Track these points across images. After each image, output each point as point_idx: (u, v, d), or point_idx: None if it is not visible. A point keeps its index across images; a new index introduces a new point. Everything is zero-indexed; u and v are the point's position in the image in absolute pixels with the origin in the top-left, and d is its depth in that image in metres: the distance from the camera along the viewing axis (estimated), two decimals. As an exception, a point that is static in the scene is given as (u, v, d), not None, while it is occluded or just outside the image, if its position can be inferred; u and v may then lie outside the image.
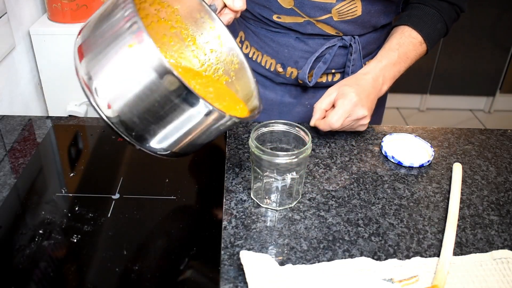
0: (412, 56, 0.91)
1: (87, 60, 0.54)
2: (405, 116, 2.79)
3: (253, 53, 0.97)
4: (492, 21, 2.55)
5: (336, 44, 0.91)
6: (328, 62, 0.92)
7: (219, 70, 0.71)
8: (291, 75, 0.95)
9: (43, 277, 0.57)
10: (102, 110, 0.54)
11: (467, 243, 0.65)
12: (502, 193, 0.76)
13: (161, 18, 0.68)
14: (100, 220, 0.65)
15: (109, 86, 0.53)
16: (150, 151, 0.58)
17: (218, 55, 0.71)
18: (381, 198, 0.73)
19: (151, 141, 0.56)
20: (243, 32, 0.98)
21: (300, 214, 0.69)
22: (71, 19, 1.37)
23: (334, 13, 0.86)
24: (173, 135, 0.56)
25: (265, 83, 0.99)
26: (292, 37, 0.92)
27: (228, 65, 0.70)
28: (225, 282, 0.58)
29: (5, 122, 0.88)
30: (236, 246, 0.63)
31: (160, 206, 0.69)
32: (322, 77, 0.96)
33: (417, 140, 0.86)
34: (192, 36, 0.71)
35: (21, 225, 0.64)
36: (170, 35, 0.70)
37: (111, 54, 0.52)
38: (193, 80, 0.69)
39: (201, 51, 0.71)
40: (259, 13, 0.91)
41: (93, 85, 0.53)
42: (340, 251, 0.63)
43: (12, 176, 0.74)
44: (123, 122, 0.54)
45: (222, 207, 0.69)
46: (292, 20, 0.89)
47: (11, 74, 1.24)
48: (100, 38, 0.53)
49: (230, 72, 0.71)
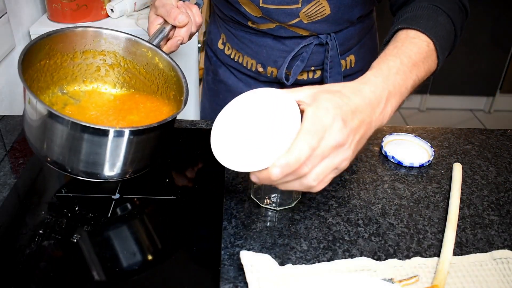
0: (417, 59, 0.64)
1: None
2: (405, 116, 2.79)
3: (235, 54, 0.99)
4: (492, 21, 2.55)
5: (312, 43, 0.91)
6: (305, 60, 0.93)
7: (168, 88, 0.75)
8: (272, 74, 0.96)
9: (43, 277, 0.57)
10: (46, 162, 0.63)
11: (467, 243, 0.65)
12: (502, 193, 0.76)
13: (109, 64, 0.76)
14: (100, 220, 0.65)
15: (37, 142, 0.63)
16: (109, 180, 0.64)
17: (163, 76, 0.76)
18: (381, 198, 0.73)
19: (101, 174, 0.63)
20: (224, 35, 1.00)
21: (300, 214, 0.69)
22: (71, 19, 1.37)
23: (303, 17, 0.86)
24: (106, 162, 0.61)
25: (249, 81, 1.01)
26: (269, 37, 0.93)
27: (171, 80, 0.75)
28: (225, 282, 0.58)
29: (5, 122, 0.88)
30: (236, 246, 0.63)
31: (160, 206, 0.69)
32: (303, 75, 0.96)
33: (417, 140, 0.86)
34: (138, 67, 0.76)
35: (21, 225, 0.64)
36: (127, 74, 0.77)
37: (29, 123, 0.63)
38: (142, 104, 0.76)
39: (152, 77, 0.77)
40: (235, 18, 0.93)
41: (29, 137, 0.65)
42: (340, 251, 0.63)
43: (12, 176, 0.74)
44: (61, 166, 0.62)
45: (222, 207, 0.69)
46: (265, 27, 0.90)
47: (11, 74, 1.24)
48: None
49: (173, 85, 0.74)
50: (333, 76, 0.95)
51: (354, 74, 1.00)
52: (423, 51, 0.64)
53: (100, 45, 0.74)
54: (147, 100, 0.76)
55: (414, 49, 0.64)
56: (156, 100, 0.76)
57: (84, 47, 0.73)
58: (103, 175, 0.63)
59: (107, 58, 0.75)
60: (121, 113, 0.73)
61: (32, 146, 0.64)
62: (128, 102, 0.76)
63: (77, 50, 0.72)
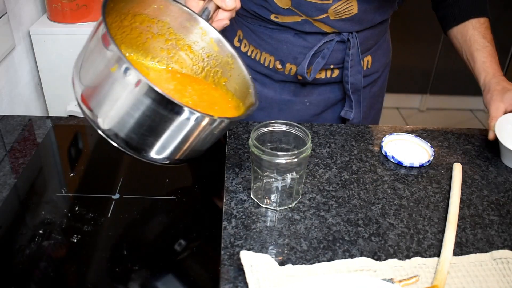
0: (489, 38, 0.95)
1: (81, 84, 0.59)
2: (405, 116, 2.79)
3: (252, 51, 0.98)
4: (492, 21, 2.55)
5: (334, 39, 0.91)
6: (326, 57, 0.92)
7: (218, 73, 0.73)
8: (290, 72, 0.96)
9: (43, 277, 0.57)
10: (99, 127, 0.58)
11: (467, 243, 0.65)
12: (502, 193, 0.76)
13: (154, 33, 0.71)
14: (100, 220, 0.65)
15: (102, 106, 0.57)
16: (151, 161, 0.60)
17: (214, 59, 0.73)
18: (381, 198, 0.73)
19: (150, 152, 0.59)
20: (241, 31, 0.99)
21: (300, 214, 0.69)
22: (71, 19, 1.37)
23: (331, 13, 0.87)
24: (170, 145, 0.58)
25: (264, 81, 1.00)
26: (290, 33, 0.92)
27: (225, 66, 0.72)
28: (225, 282, 0.58)
29: (5, 122, 0.88)
30: (236, 246, 0.63)
31: (160, 206, 0.69)
32: (321, 73, 0.96)
33: (417, 140, 0.86)
34: (187, 45, 0.73)
35: (21, 225, 0.64)
36: (167, 47, 0.73)
37: (98, 78, 0.57)
38: (190, 86, 0.71)
39: (198, 58, 0.74)
40: (257, 12, 0.92)
41: (89, 105, 0.58)
42: (340, 251, 0.63)
43: (12, 176, 0.74)
44: (119, 137, 0.57)
45: (222, 207, 0.69)
46: (290, 20, 0.89)
47: (11, 74, 1.24)
48: (87, 63, 0.59)
49: (227, 73, 0.72)
50: (353, 75, 0.95)
51: (370, 75, 1.01)
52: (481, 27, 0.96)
53: (155, 12, 0.69)
54: (193, 81, 0.73)
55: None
56: (202, 82, 0.73)
57: (138, 11, 0.68)
58: (159, 157, 0.59)
59: (155, 27, 0.70)
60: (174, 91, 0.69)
61: (84, 98, 0.58)
62: (171, 80, 0.72)
63: (131, 13, 0.67)
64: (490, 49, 0.92)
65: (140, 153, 0.59)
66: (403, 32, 2.32)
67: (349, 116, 0.98)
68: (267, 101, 1.00)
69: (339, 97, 1.00)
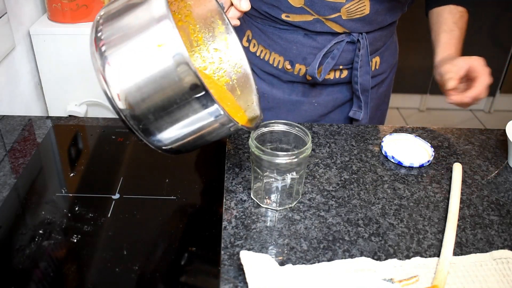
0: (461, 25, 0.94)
1: (106, 49, 0.53)
2: (405, 116, 2.79)
3: (261, 51, 0.98)
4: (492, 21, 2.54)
5: (344, 40, 0.91)
6: (336, 57, 0.93)
7: (221, 71, 0.72)
8: (299, 72, 0.96)
9: (43, 277, 0.57)
10: (115, 101, 0.53)
11: (467, 243, 0.65)
12: (502, 193, 0.76)
13: (171, 10, 0.67)
14: (100, 220, 0.65)
15: (128, 79, 0.52)
16: (154, 145, 0.58)
17: (222, 56, 0.71)
18: (381, 198, 0.73)
19: (158, 135, 0.56)
20: (250, 31, 0.98)
21: (300, 214, 0.69)
22: (71, 19, 1.37)
23: (343, 12, 0.87)
24: (179, 133, 0.56)
25: (272, 81, 1.00)
26: (300, 33, 0.92)
27: (231, 67, 0.71)
28: (225, 282, 0.58)
29: (5, 122, 0.88)
30: (236, 246, 0.63)
31: (160, 206, 0.69)
32: (330, 74, 0.96)
33: (417, 140, 0.86)
34: (198, 32, 0.71)
35: (21, 225, 0.64)
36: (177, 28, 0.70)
37: (136, 48, 0.52)
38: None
39: (204, 48, 0.72)
40: (267, 12, 0.92)
41: (109, 75, 0.53)
42: (340, 251, 0.63)
43: (12, 176, 0.74)
44: (134, 115, 0.54)
45: (222, 207, 0.69)
46: (301, 19, 0.89)
47: (11, 74, 1.24)
48: (124, 28, 0.53)
49: (232, 75, 0.71)
50: (362, 75, 0.95)
51: (378, 75, 1.01)
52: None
53: None
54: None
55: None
56: (203, 75, 0.70)
57: None
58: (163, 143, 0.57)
59: (175, 5, 0.67)
60: None
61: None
62: None
63: None
64: (456, 34, 0.92)
65: (146, 133, 0.56)
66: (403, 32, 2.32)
67: (358, 116, 0.98)
68: (275, 101, 1.00)
69: (347, 97, 1.00)
